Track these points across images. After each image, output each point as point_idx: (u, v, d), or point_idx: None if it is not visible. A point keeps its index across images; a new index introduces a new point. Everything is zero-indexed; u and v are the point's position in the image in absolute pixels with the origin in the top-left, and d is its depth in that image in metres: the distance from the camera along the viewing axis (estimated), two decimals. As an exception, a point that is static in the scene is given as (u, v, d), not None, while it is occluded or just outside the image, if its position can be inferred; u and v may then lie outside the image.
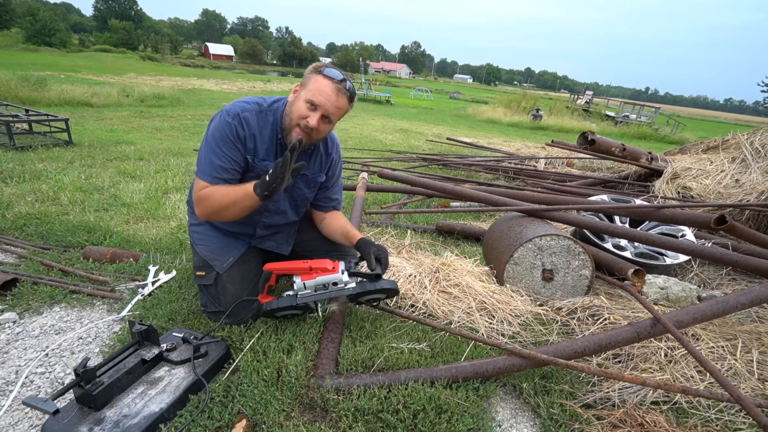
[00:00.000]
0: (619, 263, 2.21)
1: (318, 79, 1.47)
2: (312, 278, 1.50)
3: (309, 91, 1.47)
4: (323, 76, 1.47)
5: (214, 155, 1.48)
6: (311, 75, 1.49)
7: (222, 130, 1.48)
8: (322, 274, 1.50)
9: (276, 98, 1.60)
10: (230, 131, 1.48)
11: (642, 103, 21.72)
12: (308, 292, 1.52)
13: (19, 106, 5.67)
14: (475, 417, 1.30)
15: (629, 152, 4.54)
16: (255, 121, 1.52)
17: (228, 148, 1.48)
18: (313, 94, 1.46)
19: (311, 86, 1.47)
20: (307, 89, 1.48)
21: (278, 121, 1.55)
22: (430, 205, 3.77)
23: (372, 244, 1.61)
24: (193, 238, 1.72)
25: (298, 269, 1.52)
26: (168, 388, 1.27)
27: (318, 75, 1.47)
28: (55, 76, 13.38)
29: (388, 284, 1.54)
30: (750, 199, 3.17)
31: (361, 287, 1.53)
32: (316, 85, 1.46)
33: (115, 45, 51.06)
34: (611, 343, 1.51)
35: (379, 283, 1.53)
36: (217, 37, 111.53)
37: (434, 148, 7.09)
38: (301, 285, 1.51)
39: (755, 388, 1.52)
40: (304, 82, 1.50)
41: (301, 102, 1.48)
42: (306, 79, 1.50)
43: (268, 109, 1.56)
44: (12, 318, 1.64)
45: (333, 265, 1.52)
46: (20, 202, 2.79)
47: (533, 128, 13.33)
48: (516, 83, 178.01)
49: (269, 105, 1.57)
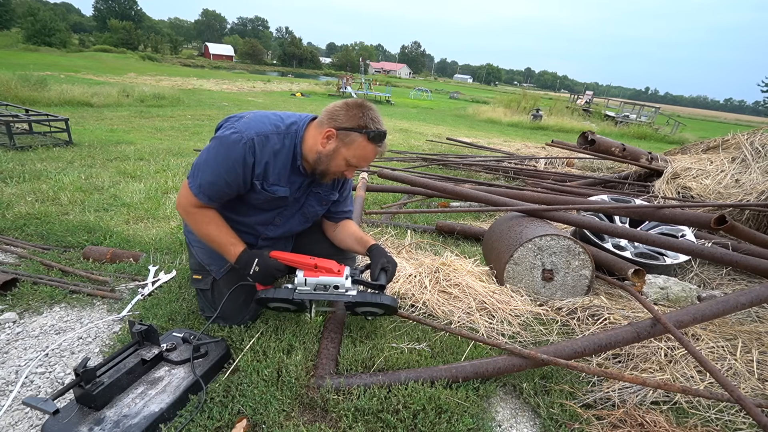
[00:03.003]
0: (619, 263, 2.21)
1: (366, 146, 1.40)
2: (315, 276, 1.46)
3: (354, 156, 1.41)
4: (370, 142, 1.40)
5: (211, 173, 1.39)
6: (357, 137, 1.38)
7: (227, 153, 1.37)
8: (326, 275, 1.46)
9: (293, 119, 1.49)
10: (237, 156, 1.36)
11: (642, 103, 21.72)
12: (307, 289, 1.47)
13: (19, 106, 5.67)
14: (475, 417, 1.30)
15: (629, 152, 4.54)
16: (270, 146, 1.41)
17: (228, 173, 1.38)
18: (358, 161, 1.43)
19: (356, 151, 1.40)
20: (350, 150, 1.40)
21: (297, 147, 1.46)
22: (430, 205, 3.77)
23: (383, 254, 1.57)
24: (189, 239, 1.67)
25: (304, 264, 1.48)
26: (168, 388, 1.27)
27: (365, 141, 1.39)
28: (55, 76, 13.38)
29: (388, 300, 1.47)
30: (750, 199, 3.17)
31: (361, 297, 1.47)
32: (362, 152, 1.41)
33: (115, 45, 51.05)
34: (611, 343, 1.51)
35: (380, 297, 1.47)
36: (217, 37, 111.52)
37: (434, 148, 7.09)
38: (302, 280, 1.46)
39: (755, 388, 1.52)
40: (347, 139, 1.39)
41: (341, 160, 1.42)
42: (349, 137, 1.39)
43: (286, 132, 1.45)
44: (12, 318, 1.64)
45: (339, 268, 1.47)
46: (20, 202, 2.79)
47: (533, 128, 13.33)
48: (516, 83, 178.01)
49: (287, 128, 1.45)
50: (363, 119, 1.38)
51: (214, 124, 8.28)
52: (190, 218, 1.48)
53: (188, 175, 1.44)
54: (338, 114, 1.40)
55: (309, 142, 1.45)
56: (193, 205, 1.44)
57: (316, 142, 1.43)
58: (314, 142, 1.44)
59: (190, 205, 1.44)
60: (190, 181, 1.42)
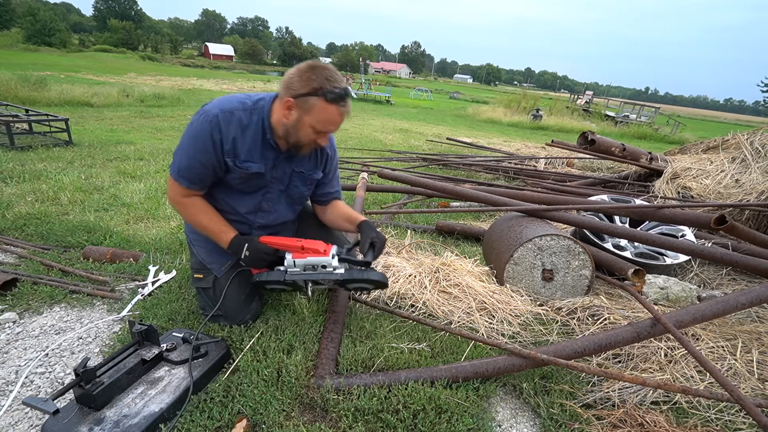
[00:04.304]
0: (619, 263, 2.21)
1: (327, 109, 1.36)
2: (303, 257, 1.49)
3: (318, 122, 1.38)
4: (330, 103, 1.35)
5: (186, 156, 1.42)
6: (316, 101, 1.35)
7: (195, 132, 1.41)
8: (313, 255, 1.49)
9: (260, 96, 1.50)
10: (204, 134, 1.39)
11: (642, 103, 21.71)
12: (297, 270, 1.50)
13: (19, 106, 5.67)
14: (475, 417, 1.30)
15: (629, 152, 4.55)
16: (235, 121, 1.43)
17: (200, 152, 1.41)
18: (323, 125, 1.40)
19: (319, 116, 1.37)
20: (312, 117, 1.38)
21: (265, 121, 1.46)
22: (430, 205, 3.77)
23: (372, 229, 1.59)
24: (190, 239, 1.69)
25: (291, 246, 1.51)
26: (168, 388, 1.27)
27: (324, 103, 1.35)
28: (55, 76, 13.38)
29: (375, 275, 1.50)
30: (750, 199, 3.17)
31: (348, 274, 1.49)
32: (326, 115, 1.37)
33: (115, 45, 51.03)
34: (611, 343, 1.51)
35: (366, 273, 1.49)
36: (217, 37, 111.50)
37: (434, 148, 7.09)
38: (291, 262, 1.49)
39: (755, 388, 1.52)
40: (306, 105, 1.36)
41: (307, 129, 1.40)
42: (307, 102, 1.35)
43: (252, 107, 1.46)
44: (12, 318, 1.64)
45: (325, 248, 1.50)
46: (20, 202, 2.79)
47: (533, 128, 13.33)
48: (516, 83, 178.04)
49: (254, 103, 1.46)
50: (317, 81, 1.33)
51: (214, 124, 8.25)
52: (181, 208, 1.53)
53: (171, 164, 1.48)
54: (292, 81, 1.37)
55: (275, 115, 1.45)
56: (180, 194, 1.48)
57: (280, 115, 1.42)
58: (278, 115, 1.43)
59: (176, 194, 1.49)
60: (171, 168, 1.47)
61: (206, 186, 1.51)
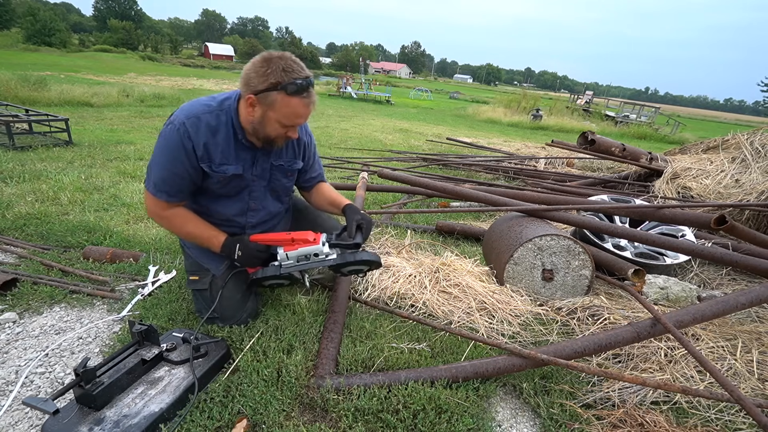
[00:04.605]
0: (619, 263, 2.21)
1: (287, 103, 1.31)
2: (294, 249, 1.52)
3: (284, 117, 1.35)
4: (291, 96, 1.30)
5: (160, 169, 1.39)
6: (276, 96, 1.30)
7: (166, 144, 1.37)
8: (304, 245, 1.51)
9: (225, 95, 1.46)
10: (175, 145, 1.36)
11: (642, 103, 21.71)
12: (291, 262, 1.53)
13: (19, 106, 5.67)
14: (475, 417, 1.30)
15: (629, 152, 4.54)
16: (203, 126, 1.39)
17: (173, 164, 1.38)
18: (289, 119, 1.36)
19: (282, 110, 1.33)
20: (276, 112, 1.33)
21: (233, 120, 1.43)
22: (430, 205, 3.77)
23: (356, 212, 1.59)
24: (184, 243, 1.67)
25: (281, 240, 1.55)
26: (168, 388, 1.27)
27: (285, 96, 1.30)
28: (55, 76, 13.37)
29: (368, 256, 1.52)
30: (750, 199, 3.17)
31: (341, 258, 1.52)
32: (288, 109, 1.33)
33: (115, 45, 51.02)
34: (611, 343, 1.51)
35: (359, 255, 1.52)
36: (217, 37, 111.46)
37: (434, 148, 7.09)
38: (284, 255, 1.52)
39: (755, 388, 1.52)
40: (267, 101, 1.32)
41: (274, 123, 1.37)
42: (268, 98, 1.31)
43: (219, 109, 1.42)
44: (12, 318, 1.64)
45: (314, 237, 1.53)
46: (20, 202, 2.79)
47: (533, 128, 13.33)
48: (516, 83, 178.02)
49: (219, 104, 1.43)
50: (274, 75, 1.28)
51: (214, 124, 8.17)
52: (164, 222, 1.50)
53: (145, 179, 1.45)
54: (250, 77, 1.32)
55: (242, 114, 1.41)
56: (160, 208, 1.46)
57: (246, 113, 1.39)
58: (244, 113, 1.40)
59: (157, 208, 1.46)
60: (146, 183, 1.44)
61: (186, 196, 1.49)
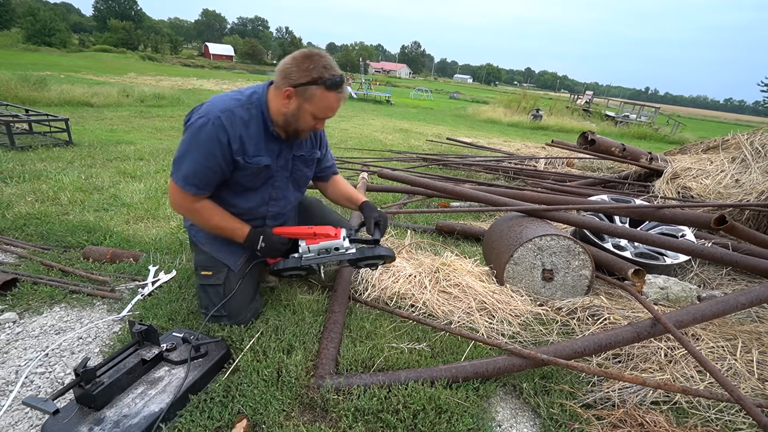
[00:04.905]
0: (619, 263, 2.21)
1: (325, 97, 1.41)
2: (316, 243, 1.60)
3: (318, 110, 1.44)
4: (329, 90, 1.40)
5: (192, 163, 1.41)
6: (316, 90, 1.39)
7: (200, 137, 1.40)
8: (325, 240, 1.60)
9: (251, 89, 1.51)
10: (210, 138, 1.39)
11: (642, 103, 21.71)
12: (312, 255, 1.62)
13: (19, 106, 5.67)
14: (475, 417, 1.30)
15: (629, 152, 4.54)
16: (238, 119, 1.43)
17: (207, 157, 1.41)
18: (324, 113, 1.46)
19: (319, 104, 1.42)
20: (313, 105, 1.42)
21: (264, 113, 1.48)
22: (430, 205, 3.76)
23: (374, 210, 1.70)
24: (197, 238, 1.66)
25: (304, 234, 1.63)
26: (168, 388, 1.27)
27: (324, 91, 1.40)
28: (55, 76, 13.38)
29: (384, 251, 1.63)
30: (750, 199, 3.17)
31: (360, 253, 1.62)
32: (325, 103, 1.43)
33: (115, 45, 51.04)
34: (611, 343, 1.51)
35: (376, 250, 1.62)
36: (217, 37, 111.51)
37: (434, 148, 7.09)
38: (305, 248, 1.61)
39: (755, 388, 1.52)
40: (306, 94, 1.40)
41: (307, 116, 1.45)
42: (308, 92, 1.40)
43: (248, 102, 1.47)
44: (12, 318, 1.64)
45: (335, 232, 1.62)
46: (20, 202, 2.79)
47: (533, 128, 13.33)
48: (516, 83, 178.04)
49: (248, 98, 1.48)
50: (316, 70, 1.37)
51: (214, 124, 8.13)
52: (194, 215, 1.53)
53: (171, 173, 1.47)
54: (290, 71, 1.39)
55: (273, 105, 1.47)
56: (189, 201, 1.48)
57: (279, 105, 1.45)
58: (277, 105, 1.46)
59: (185, 202, 1.48)
60: (174, 176, 1.45)
61: (212, 189, 1.52)
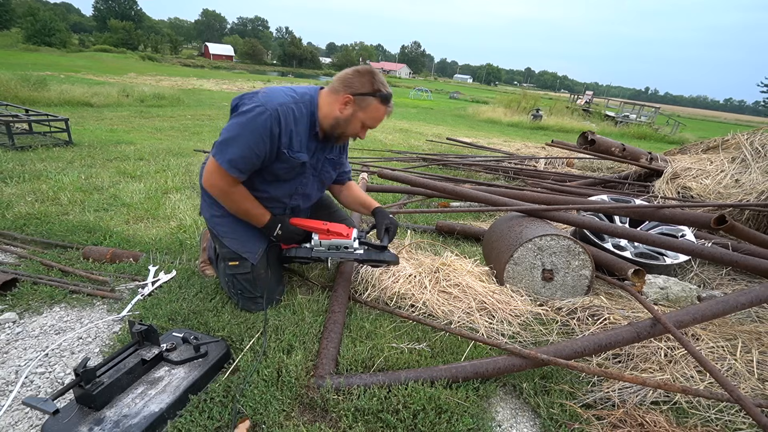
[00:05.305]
0: (619, 263, 2.21)
1: (379, 108, 1.56)
2: (328, 239, 1.71)
3: (369, 118, 1.58)
4: (382, 103, 1.56)
5: (241, 148, 1.47)
6: (372, 100, 1.54)
7: (255, 125, 1.45)
8: (337, 238, 1.70)
9: (303, 89, 1.60)
10: (264, 128, 1.46)
11: (642, 103, 21.71)
12: (322, 249, 1.73)
13: (19, 106, 5.67)
14: (475, 417, 1.30)
15: (629, 152, 4.54)
16: (292, 115, 1.52)
17: (257, 145, 1.48)
18: (372, 122, 1.60)
19: (372, 114, 1.56)
20: (366, 114, 1.56)
21: (314, 114, 1.58)
22: (430, 205, 3.76)
23: (386, 216, 1.80)
24: (218, 231, 1.71)
25: (318, 229, 1.73)
26: (168, 388, 1.27)
27: (380, 104, 1.55)
28: (55, 76, 13.39)
29: (390, 257, 1.74)
30: (750, 199, 3.17)
31: (366, 255, 1.73)
32: (377, 114, 1.57)
33: (115, 45, 51.05)
34: (611, 343, 1.51)
35: (383, 255, 1.73)
36: (217, 37, 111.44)
37: (434, 148, 7.09)
38: (317, 242, 1.72)
39: (755, 388, 1.52)
40: (363, 103, 1.54)
41: (357, 123, 1.58)
42: (365, 101, 1.53)
43: (301, 101, 1.56)
44: (12, 318, 1.64)
45: (348, 232, 1.71)
46: (20, 202, 2.79)
47: (533, 128, 13.33)
48: (516, 83, 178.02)
49: (300, 96, 1.56)
50: (375, 84, 1.53)
51: (214, 124, 8.16)
52: (227, 197, 1.60)
53: (213, 153, 1.51)
54: (352, 81, 1.53)
55: (324, 108, 1.58)
56: (229, 184, 1.55)
57: (332, 109, 1.57)
58: (330, 108, 1.57)
59: (226, 184, 1.54)
60: (218, 157, 1.49)
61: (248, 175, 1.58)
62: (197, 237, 2.49)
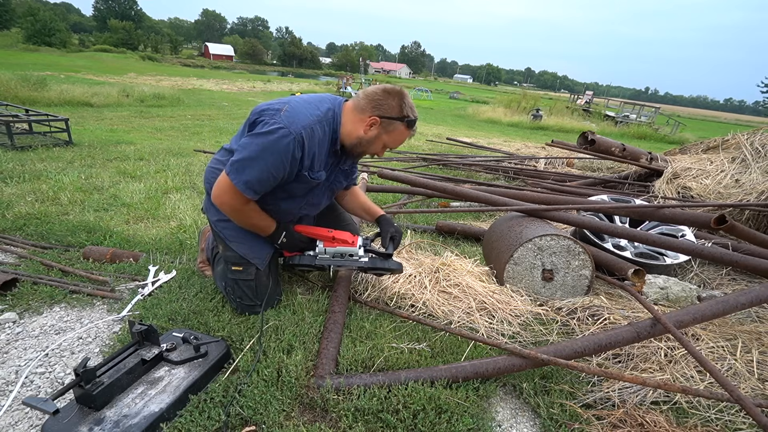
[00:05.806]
0: (619, 263, 2.21)
1: (404, 133, 1.57)
2: (333, 246, 1.69)
3: (392, 141, 1.57)
4: (407, 128, 1.56)
5: (259, 170, 1.41)
6: (399, 125, 1.53)
7: (276, 149, 1.39)
8: (342, 245, 1.69)
9: (326, 104, 1.53)
10: (285, 152, 1.40)
11: (642, 103, 21.72)
12: (327, 256, 1.70)
13: (19, 106, 5.67)
14: (475, 417, 1.30)
15: (629, 152, 4.54)
16: (316, 137, 1.47)
17: (276, 168, 1.43)
18: (394, 144, 1.60)
19: (396, 137, 1.56)
20: (390, 137, 1.56)
21: (336, 132, 1.54)
22: (430, 205, 3.76)
23: (391, 224, 1.79)
24: (225, 235, 1.68)
25: (323, 236, 1.71)
26: (168, 388, 1.27)
27: (404, 128, 1.55)
28: (55, 76, 13.39)
29: (394, 265, 1.73)
30: (750, 199, 3.17)
31: (371, 263, 1.71)
32: (401, 138, 1.58)
33: (115, 45, 51.06)
34: (611, 343, 1.51)
35: (387, 263, 1.72)
36: (217, 37, 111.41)
37: (434, 148, 7.09)
38: (322, 250, 1.69)
39: (755, 388, 1.52)
40: (389, 126, 1.53)
41: (380, 144, 1.57)
42: (391, 125, 1.53)
43: (324, 119, 1.50)
44: (12, 318, 1.64)
45: (353, 240, 1.70)
46: (20, 202, 2.78)
47: (533, 128, 13.33)
48: (516, 83, 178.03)
49: (324, 113, 1.50)
50: (404, 109, 1.52)
51: (214, 124, 8.14)
52: (239, 215, 1.57)
53: (228, 172, 1.44)
54: (381, 102, 1.51)
55: (348, 127, 1.55)
56: (241, 203, 1.51)
57: (356, 128, 1.54)
58: (354, 127, 1.54)
59: (238, 203, 1.51)
60: (234, 177, 1.43)
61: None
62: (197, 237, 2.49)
